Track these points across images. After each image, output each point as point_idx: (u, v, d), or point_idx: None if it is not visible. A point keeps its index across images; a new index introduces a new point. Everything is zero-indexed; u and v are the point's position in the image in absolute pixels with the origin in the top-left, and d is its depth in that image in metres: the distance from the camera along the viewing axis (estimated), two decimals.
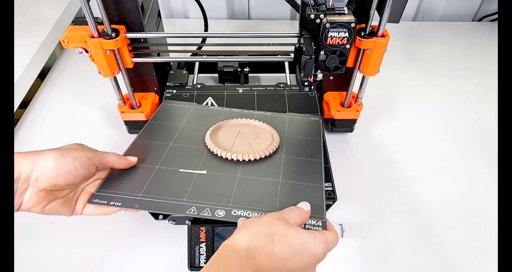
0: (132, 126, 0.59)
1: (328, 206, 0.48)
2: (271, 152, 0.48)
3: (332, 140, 0.60)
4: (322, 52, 0.44)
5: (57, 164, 0.35)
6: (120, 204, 0.40)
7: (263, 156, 0.47)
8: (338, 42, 0.43)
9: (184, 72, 0.66)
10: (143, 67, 0.56)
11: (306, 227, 0.39)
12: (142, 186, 0.43)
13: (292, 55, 0.51)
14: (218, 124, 0.53)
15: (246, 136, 0.51)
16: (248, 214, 0.40)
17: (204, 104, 0.59)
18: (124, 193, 0.41)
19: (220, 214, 0.40)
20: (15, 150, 0.51)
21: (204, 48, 0.67)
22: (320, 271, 0.46)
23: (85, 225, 0.49)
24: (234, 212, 0.40)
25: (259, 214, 0.39)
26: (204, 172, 0.45)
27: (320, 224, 0.39)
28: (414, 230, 0.50)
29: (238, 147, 0.49)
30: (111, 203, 0.40)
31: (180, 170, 0.45)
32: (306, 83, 0.46)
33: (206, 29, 0.80)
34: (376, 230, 0.50)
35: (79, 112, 0.66)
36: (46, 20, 0.73)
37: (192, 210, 0.40)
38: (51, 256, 0.46)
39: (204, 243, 0.44)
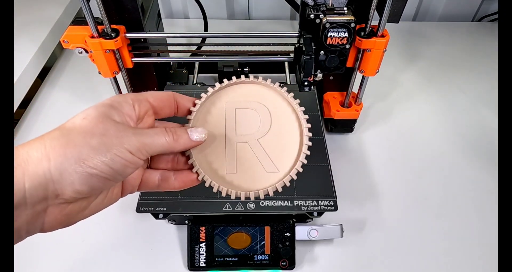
0: None
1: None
2: (300, 171, 0.31)
3: (332, 140, 0.60)
4: (322, 52, 0.44)
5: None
6: (165, 209, 0.43)
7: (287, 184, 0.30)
8: (338, 42, 0.43)
9: (184, 71, 0.66)
10: (143, 67, 0.56)
11: (321, 209, 0.42)
12: None
13: (292, 55, 0.51)
14: (202, 105, 0.31)
15: (247, 123, 0.31)
16: (274, 203, 0.42)
17: None
18: (165, 198, 0.43)
19: (251, 206, 0.42)
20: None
21: (204, 48, 0.67)
22: (320, 271, 0.46)
23: (85, 224, 0.49)
24: (262, 203, 0.42)
25: (283, 202, 0.42)
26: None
27: (332, 204, 0.41)
28: (414, 230, 0.50)
29: (239, 155, 0.30)
30: (157, 209, 0.43)
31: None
32: (306, 83, 0.46)
33: (206, 29, 0.80)
34: (376, 230, 0.50)
35: (79, 112, 0.66)
36: (46, 20, 0.73)
37: (227, 206, 0.42)
38: (51, 256, 0.47)
39: (204, 243, 0.44)
